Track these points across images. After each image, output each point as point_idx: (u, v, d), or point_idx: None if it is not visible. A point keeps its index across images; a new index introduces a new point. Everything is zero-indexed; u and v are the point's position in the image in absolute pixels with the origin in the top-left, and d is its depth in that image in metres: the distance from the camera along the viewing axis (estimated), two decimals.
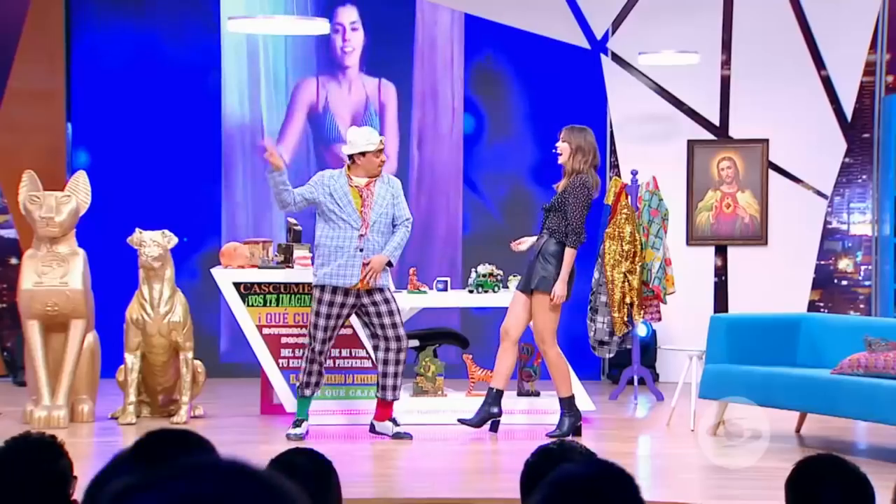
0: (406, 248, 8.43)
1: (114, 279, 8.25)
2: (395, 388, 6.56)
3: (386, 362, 6.53)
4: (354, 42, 9.14)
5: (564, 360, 6.56)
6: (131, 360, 6.92)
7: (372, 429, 6.61)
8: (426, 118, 9.16)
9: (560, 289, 6.43)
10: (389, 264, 6.49)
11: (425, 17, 9.20)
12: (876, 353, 5.88)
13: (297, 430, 6.50)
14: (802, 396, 6.09)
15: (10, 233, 9.06)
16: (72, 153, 9.11)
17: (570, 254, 6.43)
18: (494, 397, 6.54)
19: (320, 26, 6.92)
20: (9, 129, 8.94)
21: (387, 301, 6.50)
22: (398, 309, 6.56)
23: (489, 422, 6.54)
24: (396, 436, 6.52)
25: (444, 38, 9.23)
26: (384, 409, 6.58)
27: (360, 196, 6.47)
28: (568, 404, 6.49)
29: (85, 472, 6.30)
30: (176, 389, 7.12)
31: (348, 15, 9.13)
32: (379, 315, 6.49)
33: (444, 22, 9.21)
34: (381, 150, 6.48)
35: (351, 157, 6.48)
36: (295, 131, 9.16)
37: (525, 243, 6.58)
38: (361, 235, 6.43)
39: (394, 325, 6.51)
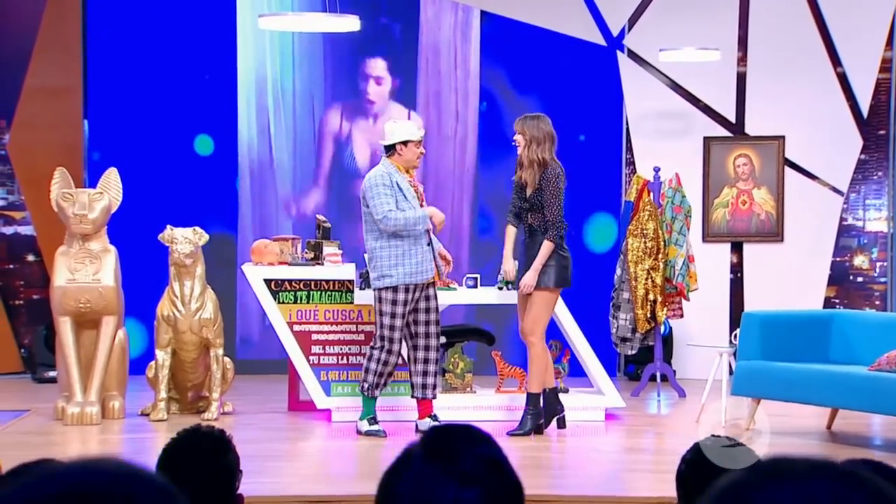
0: None
1: (131, 275, 8.23)
2: (426, 386, 6.56)
3: (426, 361, 6.53)
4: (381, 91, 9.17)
5: (548, 356, 6.56)
6: (162, 356, 6.92)
7: (417, 429, 6.60)
8: (430, 119, 9.17)
9: (531, 278, 6.42)
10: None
11: (429, 16, 9.20)
12: None
13: (377, 427, 6.47)
14: (839, 393, 6.13)
15: (27, 229, 9.03)
16: (88, 150, 9.08)
17: (548, 247, 6.41)
18: (552, 395, 6.54)
19: (351, 23, 6.92)
20: (26, 126, 8.91)
21: (436, 297, 6.54)
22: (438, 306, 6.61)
23: (556, 419, 6.56)
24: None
25: (447, 39, 9.23)
26: (427, 406, 6.59)
27: (416, 192, 6.49)
28: (534, 401, 6.47)
29: None
30: (205, 386, 7.12)
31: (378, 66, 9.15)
32: (428, 311, 6.51)
33: (448, 21, 9.21)
34: (421, 142, 6.48)
35: (391, 149, 6.46)
36: (325, 162, 9.16)
37: (511, 271, 6.55)
38: (428, 230, 6.46)
39: (437, 322, 6.54)
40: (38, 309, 8.86)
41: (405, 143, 6.43)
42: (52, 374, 8.37)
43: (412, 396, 6.63)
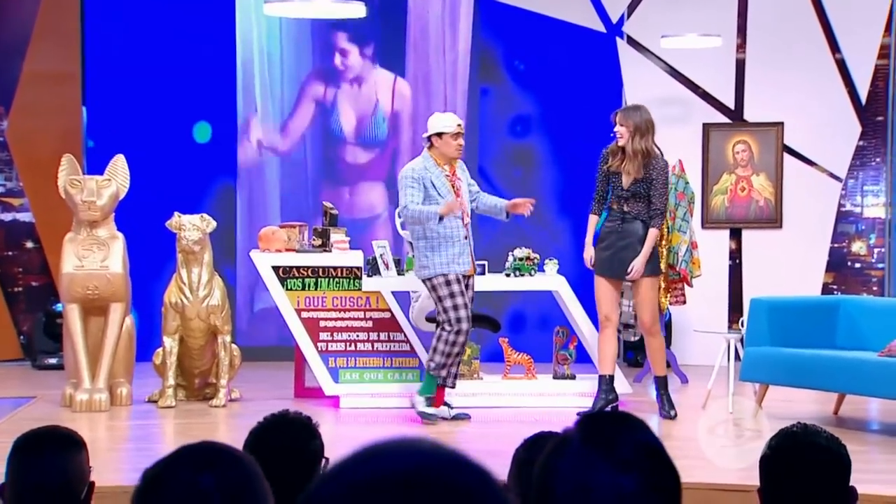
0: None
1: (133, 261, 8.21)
2: (456, 376, 6.58)
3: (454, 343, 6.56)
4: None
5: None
6: (170, 343, 6.91)
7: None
8: (419, 106, 9.16)
9: (642, 264, 6.62)
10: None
11: (417, 2, 9.18)
12: None
13: (433, 410, 6.49)
14: (848, 379, 6.17)
15: (26, 216, 8.99)
16: (86, 136, 9.04)
17: (654, 235, 6.65)
18: (608, 383, 6.60)
19: (357, 9, 6.90)
20: (24, 113, 8.86)
21: (473, 288, 6.57)
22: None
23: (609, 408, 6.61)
24: (455, 417, 6.56)
25: (436, 24, 9.22)
26: (440, 393, 6.62)
27: (452, 184, 6.49)
28: (664, 384, 6.65)
29: (131, 454, 6.28)
30: (211, 373, 7.11)
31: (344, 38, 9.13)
32: (469, 300, 6.52)
33: (436, 7, 9.19)
34: (459, 134, 6.48)
35: (429, 140, 6.48)
36: (300, 126, 9.14)
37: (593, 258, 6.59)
38: (466, 224, 6.47)
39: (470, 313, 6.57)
40: (36, 296, 8.83)
41: (440, 134, 6.45)
42: (51, 360, 8.35)
43: (447, 385, 6.63)
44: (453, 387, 6.59)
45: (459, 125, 6.50)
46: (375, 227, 9.06)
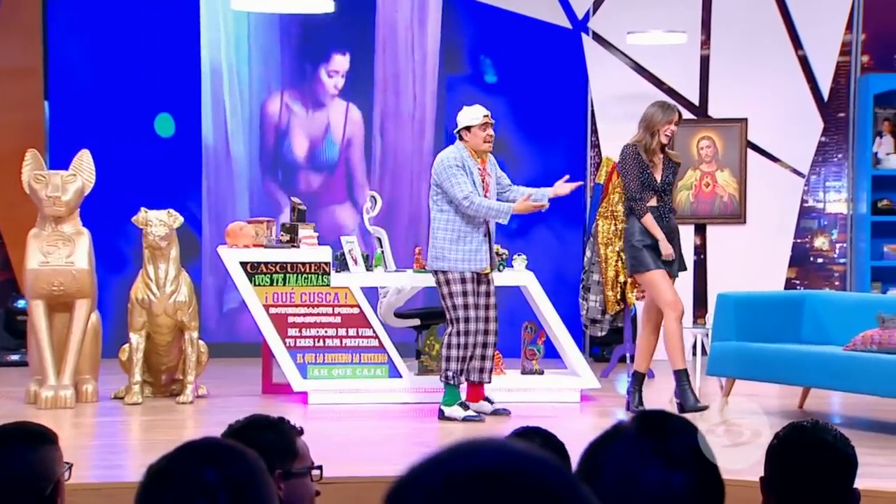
0: (397, 228, 8.45)
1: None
2: (484, 370, 6.58)
3: (486, 345, 6.55)
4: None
5: None
6: (136, 339, 6.86)
7: (464, 407, 6.62)
8: (388, 103, 9.15)
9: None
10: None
11: (386, 1, 9.16)
12: (889, 329, 6.04)
13: (471, 412, 6.47)
14: (813, 373, 6.24)
15: None
16: (50, 131, 8.95)
17: None
18: (687, 378, 6.53)
19: (325, 4, 6.87)
20: None
21: (493, 283, 6.58)
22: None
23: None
24: (496, 413, 6.56)
25: (404, 20, 9.21)
26: (479, 390, 6.63)
27: (483, 179, 6.46)
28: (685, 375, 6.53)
29: (97, 451, 6.21)
30: (178, 369, 7.07)
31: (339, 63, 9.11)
32: (488, 295, 6.54)
33: (405, 4, 9.18)
34: (487, 124, 6.44)
35: (460, 136, 6.48)
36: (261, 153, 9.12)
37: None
38: (486, 221, 6.45)
39: (495, 307, 6.58)
40: None
41: (468, 128, 6.44)
42: (13, 357, 8.26)
43: (466, 380, 6.64)
44: (488, 381, 6.58)
45: (486, 115, 6.47)
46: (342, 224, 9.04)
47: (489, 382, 6.63)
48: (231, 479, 1.57)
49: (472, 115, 6.47)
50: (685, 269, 6.75)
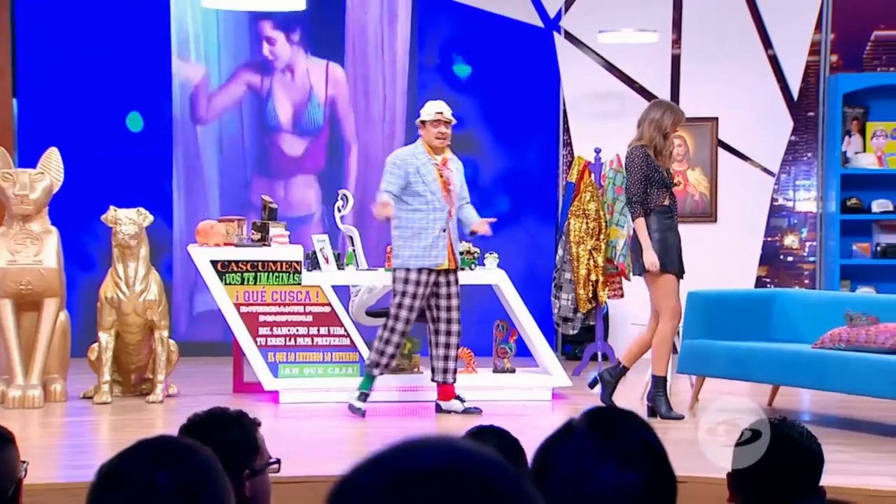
0: (369, 227, 8.43)
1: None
2: (447, 370, 6.59)
3: (448, 346, 6.55)
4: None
5: None
6: (105, 338, 6.81)
7: (438, 408, 6.65)
8: (359, 102, 9.13)
9: None
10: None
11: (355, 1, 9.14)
12: (857, 327, 6.08)
13: (361, 405, 6.49)
14: (783, 370, 6.27)
15: None
16: (18, 129, 8.87)
17: None
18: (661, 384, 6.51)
19: (296, 2, 6.85)
20: None
21: (457, 282, 6.56)
22: (459, 292, 6.60)
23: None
24: (465, 411, 6.55)
25: (374, 19, 9.19)
26: (449, 390, 6.63)
27: (441, 175, 6.46)
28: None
29: (65, 452, 6.17)
30: (148, 368, 7.03)
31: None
32: (449, 297, 6.52)
33: (374, 2, 9.17)
34: (438, 122, 6.44)
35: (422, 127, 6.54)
36: (226, 102, 9.06)
37: None
38: (450, 214, 6.45)
39: (458, 308, 6.56)
40: None
41: (423, 122, 6.46)
42: None
43: (432, 380, 6.67)
44: (453, 381, 6.61)
45: (440, 112, 6.47)
46: (311, 225, 9.01)
47: (454, 382, 6.62)
48: (182, 482, 1.54)
49: (427, 109, 6.52)
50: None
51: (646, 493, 1.32)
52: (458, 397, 6.65)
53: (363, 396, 6.52)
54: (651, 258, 6.39)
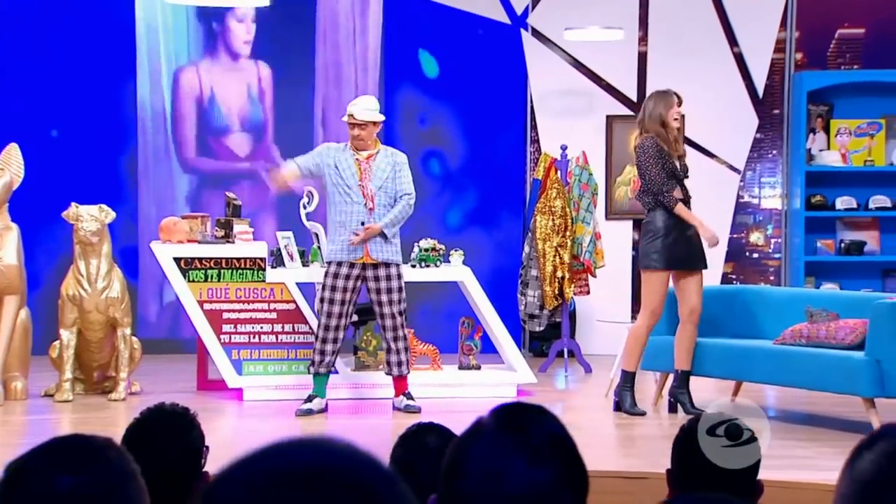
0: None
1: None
2: (398, 363, 6.56)
3: (395, 339, 6.55)
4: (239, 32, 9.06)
5: None
6: (67, 336, 6.76)
7: (394, 407, 6.64)
8: (329, 98, 9.11)
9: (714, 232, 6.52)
10: (384, 236, 6.45)
11: None
12: (817, 323, 6.12)
13: (307, 405, 6.46)
14: (745, 366, 6.30)
15: None
16: None
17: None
18: (631, 380, 6.48)
19: None
20: None
21: (388, 277, 6.50)
22: (401, 286, 6.53)
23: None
24: (406, 409, 6.53)
25: (346, 17, 9.17)
26: (397, 384, 6.62)
27: (360, 169, 6.45)
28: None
29: (24, 450, 6.14)
30: (111, 366, 6.98)
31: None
32: (378, 291, 6.49)
33: (345, 1, 9.15)
34: (354, 125, 6.43)
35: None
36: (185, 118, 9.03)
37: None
38: (370, 209, 6.42)
39: (390, 302, 6.50)
40: None
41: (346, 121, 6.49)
42: None
43: (386, 374, 6.66)
44: (406, 372, 6.58)
45: (351, 115, 6.43)
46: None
47: (406, 374, 6.61)
48: (87, 489, 1.44)
49: (349, 109, 6.48)
50: (700, 265, 6.47)
51: (557, 487, 1.32)
52: (406, 394, 6.62)
53: (309, 398, 6.51)
54: (707, 233, 6.40)
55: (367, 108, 6.45)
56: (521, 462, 1.32)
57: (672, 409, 6.47)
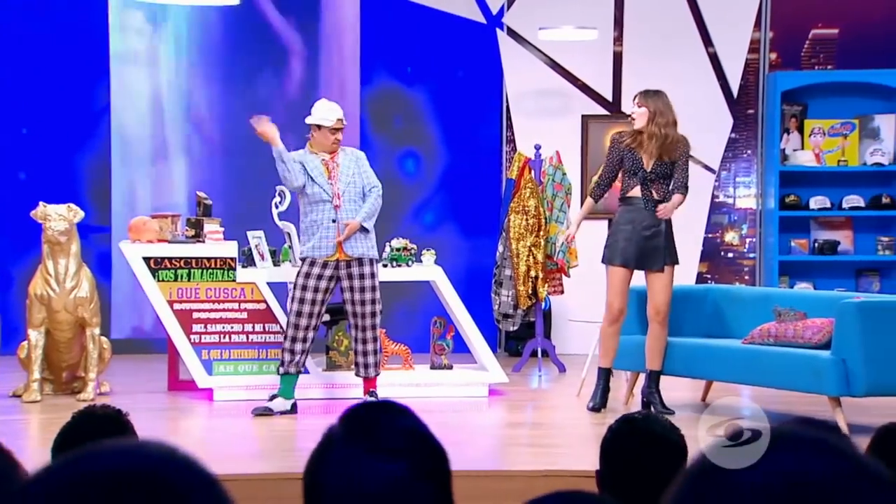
0: None
1: None
2: (366, 365, 6.54)
3: (364, 340, 6.52)
4: None
5: None
6: (35, 336, 6.72)
7: None
8: (308, 93, 9.09)
9: (671, 208, 6.50)
10: (364, 230, 6.45)
11: None
12: (785, 322, 6.13)
13: (267, 404, 6.43)
14: (714, 366, 6.31)
15: None
16: None
17: (680, 198, 6.45)
18: (607, 377, 6.46)
19: None
20: None
21: (362, 276, 6.48)
22: (375, 285, 6.51)
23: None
24: None
25: (323, 17, 9.15)
26: (366, 384, 6.61)
27: (327, 168, 6.44)
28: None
29: None
30: (80, 366, 6.94)
31: None
32: (352, 290, 6.47)
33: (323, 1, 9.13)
34: (337, 129, 6.42)
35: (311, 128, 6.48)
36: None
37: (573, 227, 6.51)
38: (336, 207, 6.41)
39: (363, 302, 6.47)
40: None
41: (319, 126, 6.40)
42: None
43: (356, 375, 6.64)
44: (374, 374, 6.57)
45: (340, 120, 6.43)
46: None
47: (375, 376, 6.60)
48: None
49: (326, 115, 6.43)
50: (677, 262, 6.47)
51: (413, 479, 1.32)
52: (371, 392, 6.61)
53: (272, 397, 6.49)
54: (564, 234, 6.58)
55: (340, 111, 6.44)
56: (373, 462, 1.33)
57: (644, 408, 6.47)
